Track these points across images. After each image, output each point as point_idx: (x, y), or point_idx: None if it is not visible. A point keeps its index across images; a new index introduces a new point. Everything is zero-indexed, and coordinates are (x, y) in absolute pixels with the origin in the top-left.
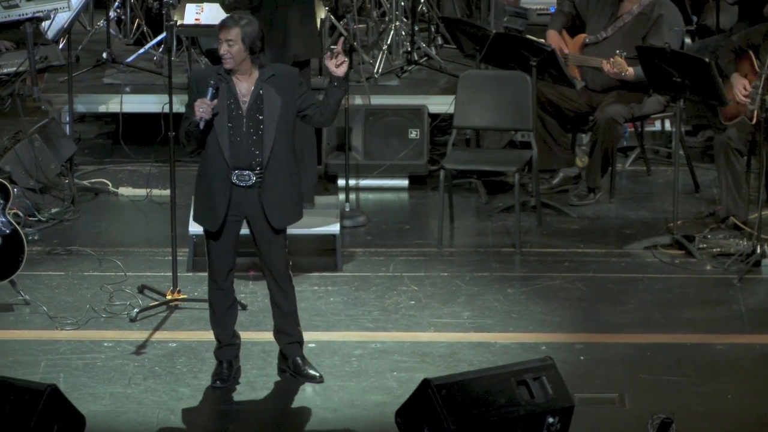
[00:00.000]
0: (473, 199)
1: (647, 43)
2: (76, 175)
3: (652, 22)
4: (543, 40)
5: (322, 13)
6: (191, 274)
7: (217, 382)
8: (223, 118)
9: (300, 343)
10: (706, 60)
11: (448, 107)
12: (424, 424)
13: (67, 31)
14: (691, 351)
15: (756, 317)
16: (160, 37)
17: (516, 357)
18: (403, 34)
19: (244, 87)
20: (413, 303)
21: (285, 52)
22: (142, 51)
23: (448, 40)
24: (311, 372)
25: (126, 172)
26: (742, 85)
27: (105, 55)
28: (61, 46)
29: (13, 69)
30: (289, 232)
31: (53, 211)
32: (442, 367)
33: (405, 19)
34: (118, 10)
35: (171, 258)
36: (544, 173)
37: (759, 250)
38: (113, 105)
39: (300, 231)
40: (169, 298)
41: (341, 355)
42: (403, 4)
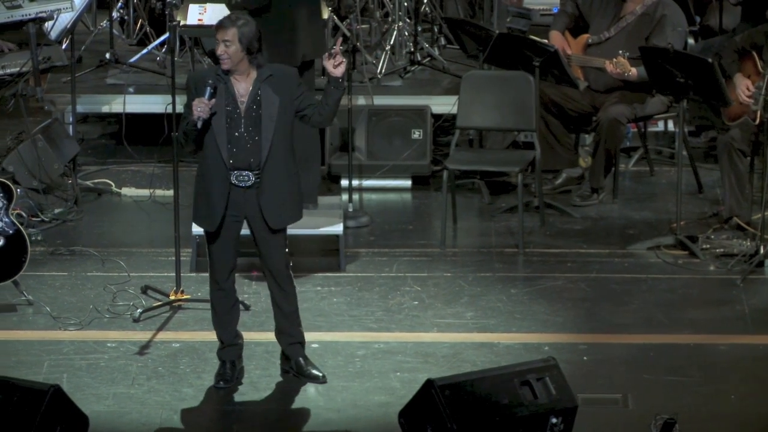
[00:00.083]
0: (476, 199)
1: (650, 44)
2: (79, 176)
3: (656, 22)
4: (546, 41)
5: (325, 13)
6: (194, 275)
7: (221, 382)
8: (221, 118)
9: (302, 344)
10: (710, 60)
11: (451, 107)
12: (427, 425)
13: (70, 31)
14: (695, 351)
15: (759, 318)
16: (163, 38)
17: (519, 357)
18: (406, 34)
19: (243, 87)
20: (416, 303)
21: (294, 52)
22: (145, 51)
23: (451, 41)
24: (314, 372)
25: (129, 172)
26: (745, 86)
27: (108, 55)
28: (64, 47)
29: (17, 69)
30: (293, 232)
31: (56, 211)
32: (445, 367)
33: (408, 20)
34: (121, 11)
35: (174, 258)
36: (547, 174)
37: (762, 251)
38: (116, 105)
39: (303, 231)
40: (172, 298)
41: (344, 355)
42: (406, 4)
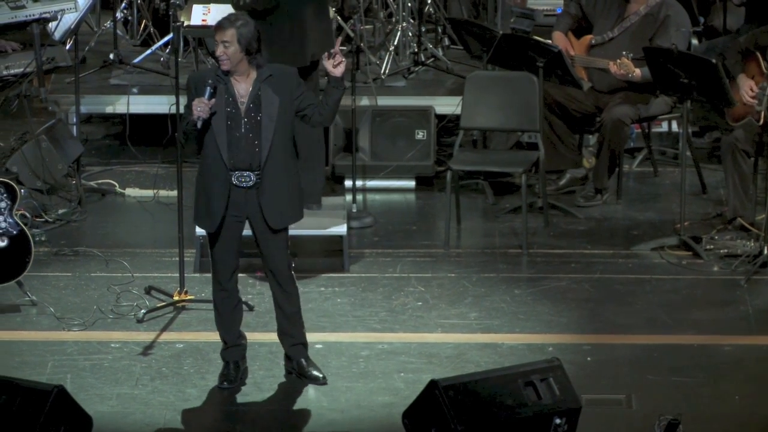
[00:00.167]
0: (480, 200)
1: (654, 44)
2: (83, 176)
3: (659, 23)
4: (549, 42)
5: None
6: (198, 275)
7: (224, 383)
8: (221, 119)
9: (303, 345)
10: (713, 61)
11: (454, 108)
12: (431, 425)
13: (74, 32)
14: (699, 352)
15: (763, 318)
16: (167, 38)
17: (523, 358)
18: (410, 35)
19: (243, 88)
20: (420, 304)
21: (304, 53)
22: (149, 52)
23: (454, 41)
24: (315, 373)
25: (133, 173)
26: (748, 86)
27: (112, 56)
28: (68, 47)
29: (20, 70)
30: (297, 233)
31: (60, 212)
32: (449, 368)
33: (412, 20)
34: (125, 11)
35: (178, 259)
36: (551, 174)
37: (766, 251)
38: (120, 106)
39: (307, 232)
40: (176, 299)
41: (348, 356)
42: (410, 5)
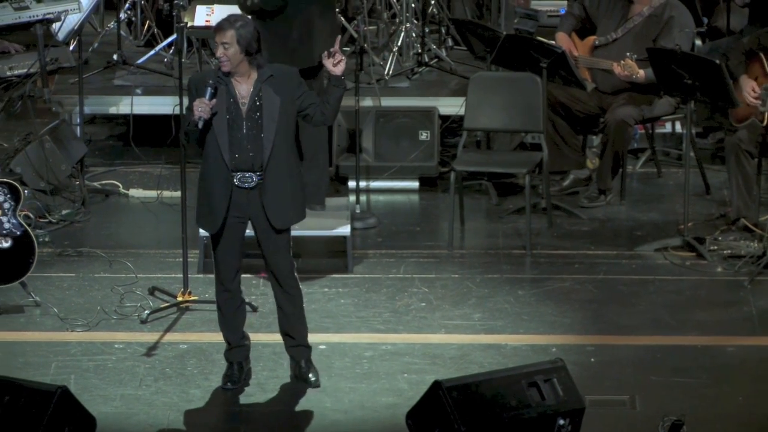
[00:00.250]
0: (484, 200)
1: (658, 45)
2: (87, 177)
3: (663, 23)
4: (553, 42)
5: None
6: (202, 276)
7: (228, 383)
8: (222, 120)
9: (305, 347)
10: (717, 62)
11: (458, 109)
12: (435, 426)
13: (77, 32)
14: (702, 353)
15: (767, 319)
16: (170, 39)
17: (527, 359)
18: (414, 35)
19: (243, 89)
20: (424, 305)
21: (311, 53)
22: (152, 53)
23: (458, 42)
24: (308, 376)
25: (136, 173)
26: (750, 87)
27: (115, 56)
28: (71, 48)
29: (24, 71)
30: (300, 233)
31: (64, 212)
32: (452, 368)
33: (415, 21)
34: (129, 12)
35: (182, 259)
36: (554, 175)
37: None
38: (124, 106)
39: (311, 233)
40: (179, 299)
41: (352, 356)
42: (413, 5)
